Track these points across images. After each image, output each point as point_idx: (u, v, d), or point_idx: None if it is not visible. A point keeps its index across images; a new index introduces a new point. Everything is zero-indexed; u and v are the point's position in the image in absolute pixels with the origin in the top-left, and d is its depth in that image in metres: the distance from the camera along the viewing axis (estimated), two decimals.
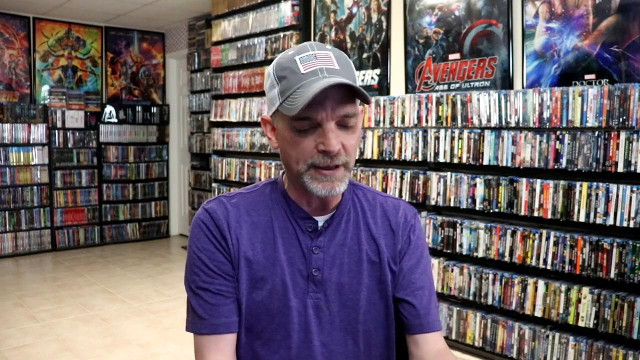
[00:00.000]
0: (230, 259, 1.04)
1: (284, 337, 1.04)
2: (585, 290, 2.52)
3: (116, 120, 6.35)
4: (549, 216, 2.65)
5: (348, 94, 0.96)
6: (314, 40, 4.11)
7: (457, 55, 3.18)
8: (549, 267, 2.65)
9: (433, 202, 3.15)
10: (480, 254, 2.92)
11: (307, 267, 1.05)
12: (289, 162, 1.01)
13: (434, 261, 3.13)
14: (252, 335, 1.05)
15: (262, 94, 4.48)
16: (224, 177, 4.91)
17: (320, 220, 1.07)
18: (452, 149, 3.06)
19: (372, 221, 1.11)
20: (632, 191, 2.37)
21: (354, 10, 3.80)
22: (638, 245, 2.35)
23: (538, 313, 2.68)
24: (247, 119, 4.60)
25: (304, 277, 1.05)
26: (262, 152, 4.45)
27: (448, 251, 3.08)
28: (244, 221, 1.06)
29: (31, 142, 5.72)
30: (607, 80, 2.55)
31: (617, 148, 2.41)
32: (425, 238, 1.17)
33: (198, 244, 1.05)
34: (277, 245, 1.05)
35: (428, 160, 3.19)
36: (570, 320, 2.57)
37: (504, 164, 2.82)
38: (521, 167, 2.76)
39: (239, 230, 1.05)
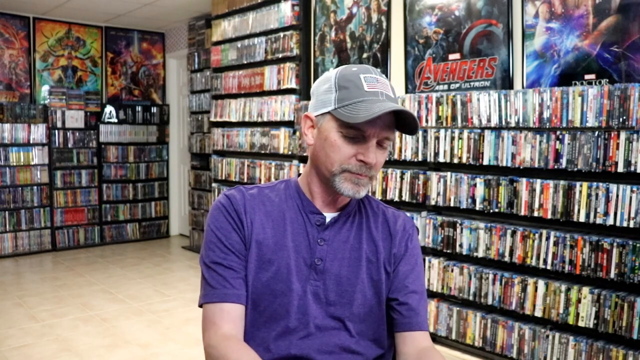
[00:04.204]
0: (244, 240, 1.15)
1: (283, 316, 1.13)
2: (585, 290, 2.52)
3: (116, 120, 6.35)
4: (549, 216, 2.65)
5: (394, 121, 1.10)
6: (314, 40, 4.11)
7: (457, 55, 3.18)
8: (549, 267, 2.65)
9: (433, 202, 3.15)
10: (480, 254, 2.92)
11: (311, 256, 1.15)
12: (324, 161, 1.12)
13: (434, 261, 3.13)
14: (255, 312, 1.14)
15: (262, 94, 4.48)
16: (224, 177, 4.91)
17: (328, 216, 1.18)
18: (452, 149, 3.06)
19: (374, 225, 1.21)
20: (632, 191, 2.37)
21: (354, 10, 3.80)
22: (638, 245, 2.35)
23: (538, 313, 2.68)
24: (247, 119, 4.60)
25: (307, 265, 1.15)
26: (262, 152, 4.45)
27: (448, 251, 3.08)
28: (258, 209, 1.18)
29: (31, 142, 5.72)
30: (607, 80, 2.55)
31: (617, 148, 2.41)
32: (420, 249, 1.27)
33: (217, 223, 1.16)
34: (286, 232, 1.16)
35: (428, 160, 3.19)
36: (570, 320, 2.57)
37: (504, 164, 2.82)
38: (521, 167, 2.76)
39: (253, 215, 1.16)
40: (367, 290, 1.16)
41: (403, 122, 1.10)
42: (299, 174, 1.24)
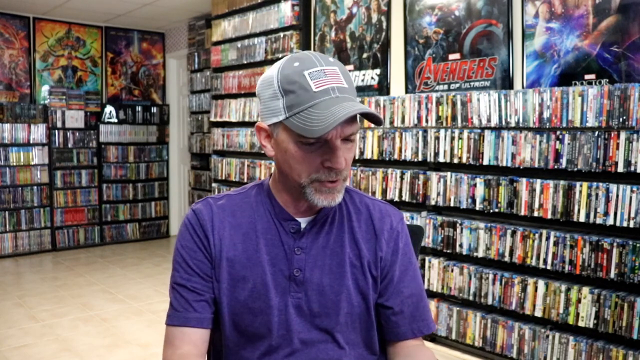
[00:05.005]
0: (211, 259, 1.08)
1: (265, 334, 1.07)
2: (585, 290, 2.52)
3: (116, 120, 6.35)
4: (549, 216, 2.65)
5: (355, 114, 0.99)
6: (314, 40, 4.11)
7: (457, 55, 3.18)
8: (549, 267, 2.65)
9: (433, 202, 3.15)
10: (480, 254, 2.92)
11: (289, 267, 1.07)
12: (290, 174, 1.03)
13: (434, 261, 3.13)
14: (237, 332, 1.08)
15: None
16: (224, 177, 4.91)
17: (304, 222, 1.10)
18: (452, 149, 3.06)
19: (356, 224, 1.13)
20: (632, 191, 2.37)
21: (354, 10, 3.80)
22: (638, 245, 2.35)
23: (538, 313, 2.68)
24: (247, 119, 4.60)
25: (286, 277, 1.07)
26: (262, 152, 4.44)
27: (448, 251, 3.08)
28: (227, 222, 1.10)
29: (31, 142, 5.72)
30: (607, 80, 2.55)
31: (617, 148, 2.41)
32: (411, 244, 1.19)
33: (182, 241, 1.10)
34: (259, 245, 1.08)
35: (428, 160, 3.19)
36: (570, 320, 2.57)
37: (504, 164, 2.82)
38: (521, 167, 2.76)
39: (222, 231, 1.08)
40: (354, 297, 1.08)
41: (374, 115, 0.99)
42: (271, 175, 1.14)
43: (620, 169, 2.40)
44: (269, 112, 1.01)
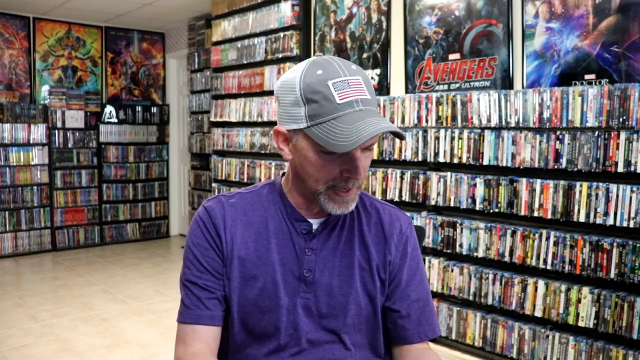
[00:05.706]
0: (222, 257, 1.08)
1: (273, 333, 1.07)
2: (585, 290, 2.52)
3: (116, 120, 6.35)
4: (549, 216, 2.65)
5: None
6: (314, 40, 4.11)
7: (457, 55, 3.18)
8: (549, 267, 2.65)
9: (433, 202, 3.15)
10: (480, 254, 2.92)
11: (299, 268, 1.08)
12: (307, 179, 1.04)
13: (434, 261, 3.13)
14: (245, 330, 1.09)
15: (262, 94, 4.48)
16: (224, 177, 4.91)
17: (315, 223, 1.11)
18: (452, 149, 3.06)
19: (366, 228, 1.13)
20: (632, 191, 2.37)
21: (354, 10, 3.80)
22: (638, 245, 2.35)
23: (538, 313, 2.68)
24: (247, 119, 4.60)
25: (296, 277, 1.08)
26: (262, 152, 4.45)
27: (448, 251, 3.08)
28: (239, 220, 1.10)
29: (31, 142, 5.72)
30: (607, 80, 2.55)
31: (617, 148, 2.41)
32: (419, 247, 1.20)
33: (194, 239, 1.10)
34: (270, 245, 1.09)
35: (428, 160, 3.19)
36: (570, 320, 2.57)
37: (504, 164, 2.82)
38: (521, 167, 2.76)
39: (234, 229, 1.09)
40: (362, 299, 1.09)
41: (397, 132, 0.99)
42: (283, 173, 1.15)
43: (620, 169, 2.40)
44: (288, 117, 1.01)
